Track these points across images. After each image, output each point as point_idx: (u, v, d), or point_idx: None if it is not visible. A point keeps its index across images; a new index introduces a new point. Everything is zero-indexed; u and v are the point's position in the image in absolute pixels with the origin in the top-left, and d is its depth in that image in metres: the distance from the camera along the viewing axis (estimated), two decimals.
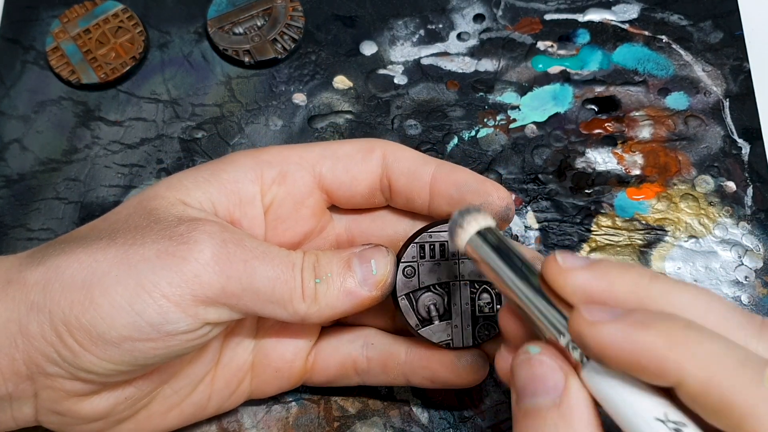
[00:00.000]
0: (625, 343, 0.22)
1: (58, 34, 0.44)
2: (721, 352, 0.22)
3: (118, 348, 0.28)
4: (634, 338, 0.22)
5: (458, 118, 0.43)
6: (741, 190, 0.41)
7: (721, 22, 0.45)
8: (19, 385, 0.29)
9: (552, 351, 0.24)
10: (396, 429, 0.36)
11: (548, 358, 0.24)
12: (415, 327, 0.33)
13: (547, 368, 0.24)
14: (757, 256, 0.40)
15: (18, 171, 0.42)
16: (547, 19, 0.45)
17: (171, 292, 0.28)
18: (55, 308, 0.28)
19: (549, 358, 0.24)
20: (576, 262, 0.25)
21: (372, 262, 0.31)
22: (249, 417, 0.37)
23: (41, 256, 0.29)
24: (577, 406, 0.23)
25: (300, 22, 0.45)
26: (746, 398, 0.21)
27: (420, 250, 0.32)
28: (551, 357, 0.24)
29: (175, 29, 0.45)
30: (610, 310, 0.24)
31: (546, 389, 0.24)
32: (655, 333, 0.22)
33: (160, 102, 0.44)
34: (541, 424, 0.24)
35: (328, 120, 0.43)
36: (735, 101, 0.43)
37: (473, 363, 0.33)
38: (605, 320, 0.23)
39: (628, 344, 0.22)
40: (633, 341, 0.22)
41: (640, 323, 0.23)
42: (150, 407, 0.32)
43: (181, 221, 0.29)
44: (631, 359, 0.23)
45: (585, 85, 0.43)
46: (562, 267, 0.25)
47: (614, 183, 0.41)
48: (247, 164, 0.32)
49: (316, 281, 0.30)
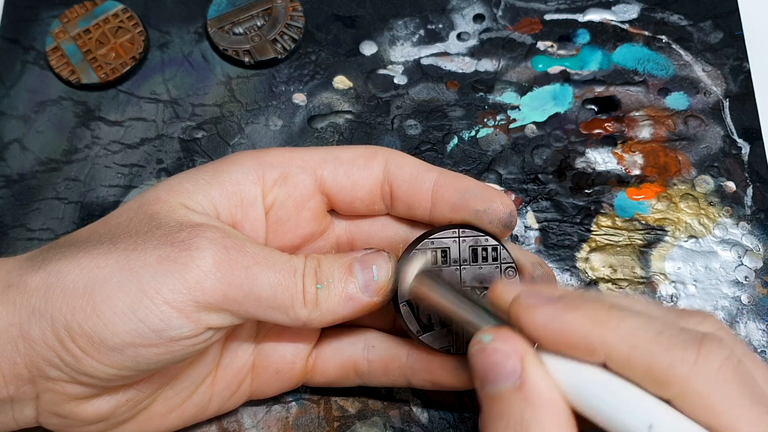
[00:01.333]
0: (556, 323, 0.25)
1: (58, 34, 0.44)
2: (640, 326, 0.24)
3: (121, 354, 0.28)
4: (563, 319, 0.25)
5: (458, 118, 0.43)
6: (741, 190, 0.41)
7: (721, 22, 0.45)
8: (21, 388, 0.29)
9: (504, 335, 0.26)
10: (396, 429, 0.37)
11: (501, 343, 0.25)
12: (417, 333, 0.33)
13: (502, 355, 0.25)
14: (757, 256, 0.40)
15: (18, 171, 0.42)
16: (547, 19, 0.45)
17: (173, 298, 0.28)
18: (57, 314, 0.28)
19: (502, 343, 0.25)
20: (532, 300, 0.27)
21: (374, 268, 0.31)
22: (249, 417, 0.37)
23: (41, 260, 0.29)
24: (537, 385, 0.25)
25: (300, 22, 0.45)
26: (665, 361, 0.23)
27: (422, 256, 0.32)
28: (504, 342, 0.25)
29: (175, 29, 0.45)
30: (544, 296, 0.26)
31: (505, 374, 0.25)
32: (582, 313, 0.25)
33: (160, 102, 0.44)
34: (506, 408, 0.25)
35: (328, 120, 0.43)
36: (735, 101, 0.43)
37: None
38: (538, 304, 0.25)
39: (559, 324, 0.25)
40: (562, 321, 0.25)
41: (568, 305, 0.25)
42: (151, 409, 0.32)
43: (182, 227, 0.29)
44: (561, 338, 0.25)
45: (585, 85, 0.43)
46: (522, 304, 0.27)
47: (614, 183, 0.41)
48: (249, 165, 0.32)
49: (318, 287, 0.30)
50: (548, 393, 0.25)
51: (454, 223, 0.32)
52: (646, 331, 0.24)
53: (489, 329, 0.26)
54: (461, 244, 0.32)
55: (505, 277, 0.32)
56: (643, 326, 0.24)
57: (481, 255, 0.32)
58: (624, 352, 0.24)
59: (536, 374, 0.25)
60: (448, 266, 0.32)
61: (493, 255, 0.32)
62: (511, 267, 0.32)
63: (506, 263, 0.32)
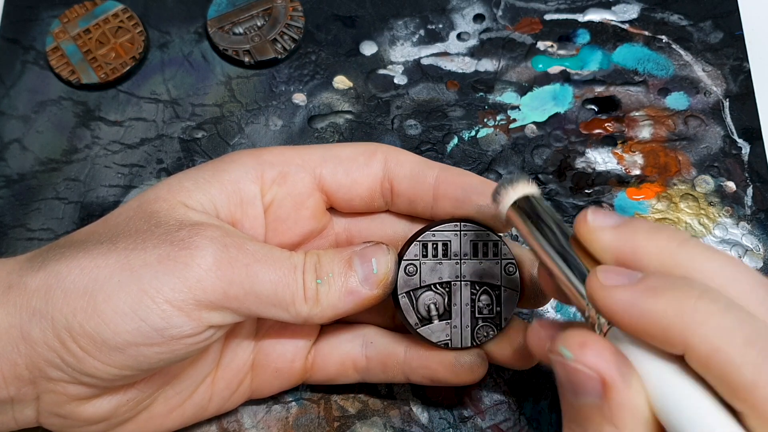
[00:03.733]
0: (634, 309, 0.23)
1: (58, 34, 0.44)
2: (729, 327, 0.22)
3: (123, 353, 0.28)
4: (643, 305, 0.23)
5: (458, 118, 0.43)
6: (741, 190, 0.41)
7: (721, 22, 0.45)
8: (21, 388, 0.29)
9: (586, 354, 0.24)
10: (396, 429, 0.37)
11: (582, 365, 0.23)
12: (414, 326, 0.33)
13: (583, 376, 0.23)
14: (757, 256, 0.40)
15: (18, 171, 0.42)
16: (547, 19, 0.45)
17: (174, 297, 0.28)
18: (58, 315, 0.28)
19: (583, 365, 0.23)
20: (605, 221, 0.25)
21: (373, 261, 0.31)
22: (249, 417, 0.37)
23: (41, 261, 0.29)
24: (620, 409, 0.23)
25: (300, 22, 0.45)
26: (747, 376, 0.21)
27: (423, 248, 0.32)
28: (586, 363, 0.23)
29: (175, 29, 0.45)
30: (626, 274, 0.24)
31: (585, 392, 0.24)
32: (665, 302, 0.22)
33: (160, 102, 0.44)
34: (585, 420, 0.24)
35: (328, 120, 0.43)
36: (735, 101, 0.43)
37: (472, 362, 0.33)
38: (618, 284, 0.23)
39: (637, 311, 0.23)
40: (642, 308, 0.23)
41: (651, 290, 0.23)
42: (151, 408, 0.32)
43: (182, 225, 0.29)
44: (639, 326, 0.23)
45: (585, 85, 0.43)
46: (591, 226, 0.25)
47: (614, 183, 0.41)
48: (248, 163, 0.32)
49: (318, 282, 0.30)
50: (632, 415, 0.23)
51: (456, 217, 0.33)
52: (733, 336, 0.21)
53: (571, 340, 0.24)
54: (462, 238, 0.32)
55: (505, 274, 0.32)
56: (731, 328, 0.22)
57: (481, 250, 0.33)
58: (704, 354, 0.22)
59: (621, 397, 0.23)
60: (449, 259, 0.32)
61: (494, 250, 0.32)
62: (512, 263, 0.32)
63: (507, 259, 0.32)
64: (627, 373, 0.23)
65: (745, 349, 0.21)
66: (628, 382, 0.23)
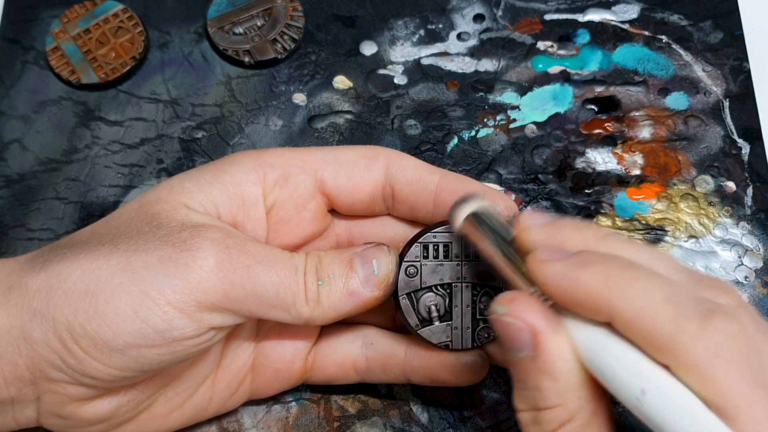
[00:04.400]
0: (566, 279, 0.24)
1: (58, 34, 0.44)
2: (649, 290, 0.23)
3: (124, 355, 0.28)
4: (574, 276, 0.24)
5: (458, 118, 0.43)
6: (741, 190, 0.41)
7: (721, 22, 0.45)
8: (22, 389, 0.29)
9: (516, 308, 0.25)
10: (396, 429, 0.37)
11: (513, 318, 0.25)
12: (415, 327, 0.33)
13: (514, 329, 0.25)
14: (757, 256, 0.40)
15: (18, 171, 0.42)
16: (547, 19, 0.45)
17: (175, 299, 0.28)
18: (59, 316, 0.28)
19: (513, 318, 0.25)
20: (535, 221, 0.27)
21: (374, 262, 0.31)
22: (249, 417, 0.37)
23: (42, 261, 0.29)
24: (551, 356, 0.25)
25: (300, 22, 0.45)
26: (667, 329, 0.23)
27: (423, 250, 0.32)
28: (516, 316, 0.25)
29: (175, 29, 0.45)
30: (561, 252, 0.25)
31: (519, 345, 0.25)
32: (593, 272, 0.24)
33: (160, 102, 0.44)
34: (524, 374, 0.25)
35: (328, 120, 0.43)
36: (735, 101, 0.43)
37: (473, 363, 0.33)
38: (553, 258, 0.25)
39: (568, 281, 0.24)
40: (572, 278, 0.24)
41: (582, 262, 0.25)
42: (152, 409, 0.32)
43: (183, 227, 0.29)
44: (570, 295, 0.24)
45: (585, 85, 0.43)
46: (523, 225, 0.27)
47: (614, 183, 0.41)
48: (250, 165, 0.32)
49: (319, 283, 0.30)
50: (563, 364, 0.25)
51: None
52: (653, 296, 0.23)
53: (503, 298, 0.26)
54: (463, 240, 0.32)
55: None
56: (652, 290, 0.23)
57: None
58: (628, 315, 0.23)
59: (551, 346, 0.25)
60: (450, 261, 0.32)
61: None
62: None
63: None
64: (554, 324, 0.25)
65: (664, 305, 0.23)
66: (556, 332, 0.25)
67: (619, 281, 0.24)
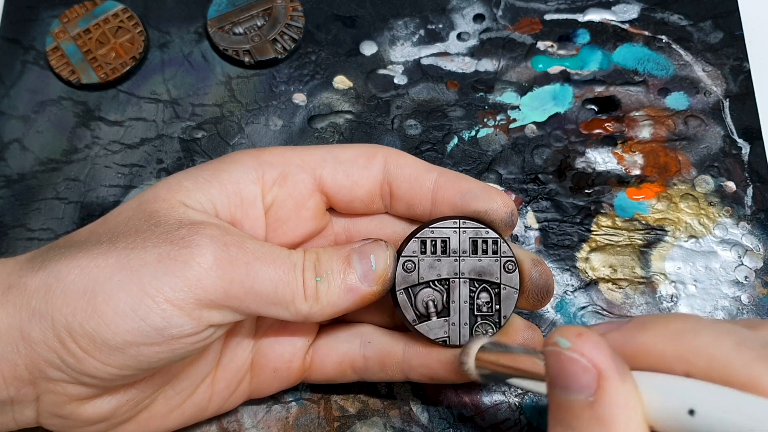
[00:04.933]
0: (629, 345, 0.24)
1: (58, 34, 0.44)
2: (717, 338, 0.23)
3: (123, 353, 0.28)
4: (637, 340, 0.24)
5: (458, 118, 0.43)
6: (741, 190, 0.41)
7: (721, 22, 0.45)
8: (21, 389, 0.29)
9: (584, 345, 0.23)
10: (396, 429, 0.37)
11: (578, 355, 0.23)
12: (412, 322, 0.33)
13: (578, 367, 0.23)
14: (757, 256, 0.40)
15: (18, 171, 0.42)
16: (547, 19, 0.45)
17: (174, 296, 0.28)
18: (58, 315, 0.28)
19: (579, 354, 0.23)
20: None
21: (371, 258, 0.31)
22: (249, 417, 0.37)
23: (41, 261, 0.29)
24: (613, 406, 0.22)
25: (300, 22, 0.45)
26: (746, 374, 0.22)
27: (421, 245, 0.32)
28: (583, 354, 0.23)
29: (175, 29, 0.45)
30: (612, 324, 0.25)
31: (577, 386, 0.23)
32: (654, 332, 0.24)
33: (160, 102, 0.44)
34: (573, 420, 0.23)
35: (328, 120, 0.43)
36: (735, 101, 0.43)
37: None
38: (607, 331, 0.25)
39: (632, 345, 0.24)
40: (635, 342, 0.24)
41: (638, 325, 0.24)
42: (151, 408, 0.32)
43: (181, 224, 0.29)
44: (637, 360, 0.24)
45: (585, 85, 0.43)
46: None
47: (614, 183, 0.41)
48: (249, 164, 0.32)
49: (317, 279, 0.30)
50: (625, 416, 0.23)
51: (455, 214, 0.33)
52: (723, 343, 0.23)
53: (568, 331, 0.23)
54: (461, 235, 0.32)
55: (505, 272, 0.32)
56: (719, 338, 0.23)
57: (481, 247, 0.33)
58: (704, 365, 0.22)
59: (616, 393, 0.23)
60: (448, 256, 0.32)
61: (494, 248, 0.32)
62: (511, 261, 0.32)
63: (506, 257, 0.32)
64: (623, 369, 0.23)
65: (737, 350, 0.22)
66: (624, 379, 0.23)
67: (686, 334, 0.23)
